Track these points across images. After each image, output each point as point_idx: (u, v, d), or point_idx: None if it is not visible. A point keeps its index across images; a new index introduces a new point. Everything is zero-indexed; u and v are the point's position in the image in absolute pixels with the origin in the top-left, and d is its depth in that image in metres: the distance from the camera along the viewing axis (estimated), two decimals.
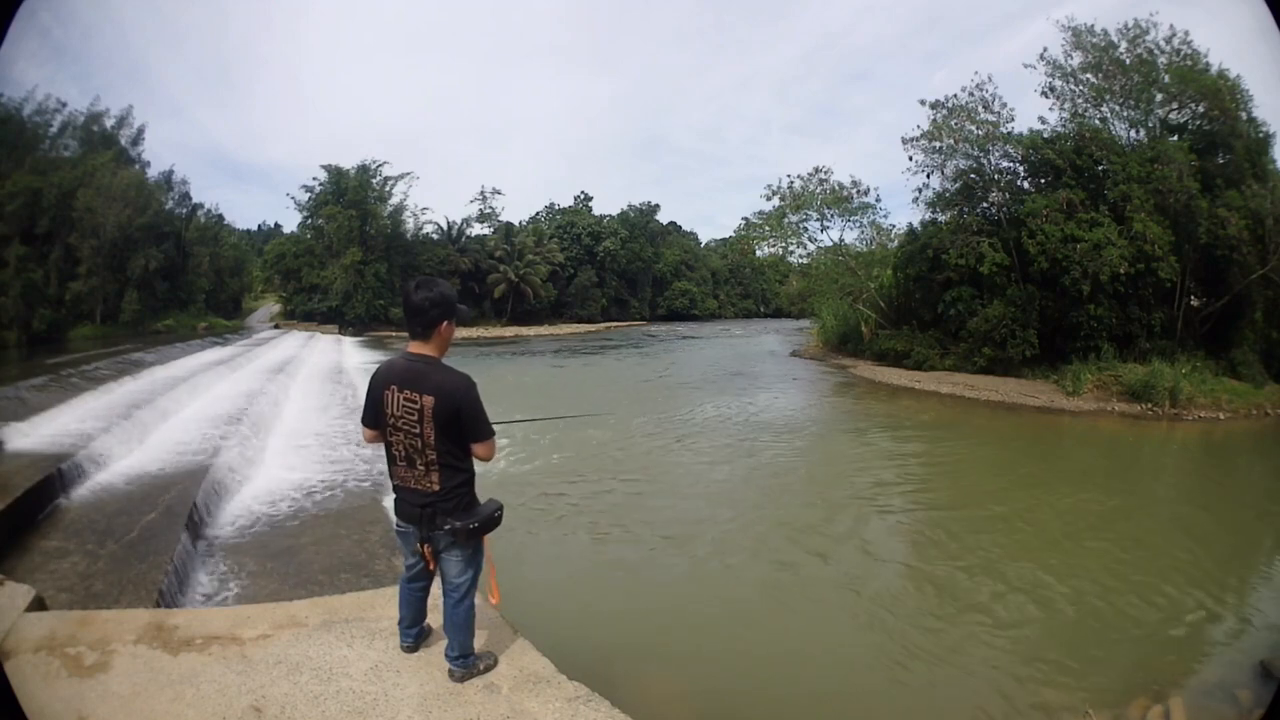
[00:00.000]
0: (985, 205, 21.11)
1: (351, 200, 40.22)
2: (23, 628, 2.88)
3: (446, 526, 2.48)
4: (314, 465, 8.34)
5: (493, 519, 2.58)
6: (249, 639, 2.88)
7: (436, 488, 2.47)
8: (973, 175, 21.21)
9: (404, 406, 2.42)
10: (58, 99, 29.60)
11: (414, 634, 2.81)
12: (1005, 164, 21.09)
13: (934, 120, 21.11)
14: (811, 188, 26.71)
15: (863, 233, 28.02)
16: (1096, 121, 19.92)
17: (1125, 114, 19.86)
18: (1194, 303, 18.83)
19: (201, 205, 38.10)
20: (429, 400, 2.39)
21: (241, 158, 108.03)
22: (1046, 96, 20.51)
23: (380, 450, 2.62)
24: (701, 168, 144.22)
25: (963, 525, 7.63)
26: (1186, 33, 18.95)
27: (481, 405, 2.47)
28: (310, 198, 41.55)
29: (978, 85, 20.81)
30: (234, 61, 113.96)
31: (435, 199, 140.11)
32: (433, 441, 2.42)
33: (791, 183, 26.83)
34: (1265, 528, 8.38)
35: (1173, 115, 19.65)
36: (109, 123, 31.97)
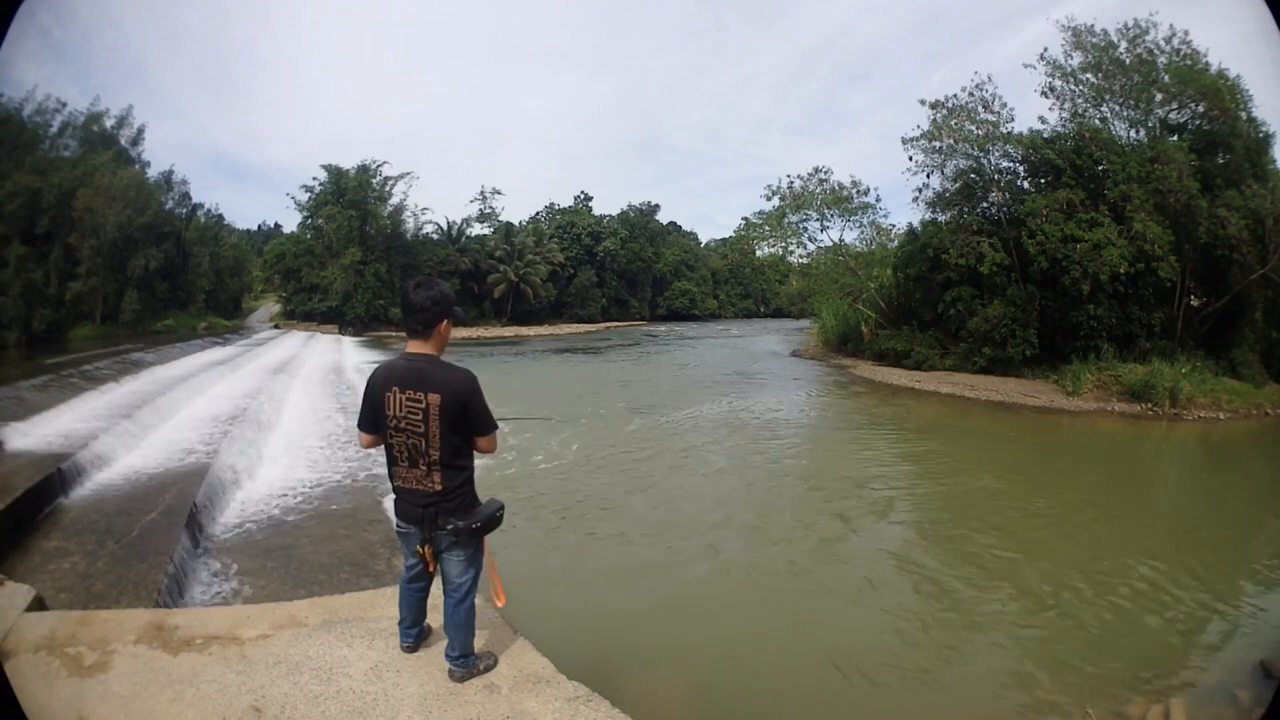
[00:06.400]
0: (985, 205, 21.10)
1: (351, 200, 40.20)
2: (23, 628, 2.88)
3: (449, 526, 2.49)
4: (314, 465, 8.34)
5: (494, 518, 2.58)
6: (249, 639, 2.88)
7: (439, 488, 2.47)
8: (973, 175, 21.21)
9: (407, 407, 2.42)
10: (58, 99, 29.72)
11: (414, 634, 2.81)
12: (1005, 164, 21.11)
13: (934, 120, 21.10)
14: (811, 188, 26.72)
15: (863, 233, 28.05)
16: (1096, 121, 19.92)
17: (1125, 114, 19.86)
18: (1194, 303, 18.83)
19: (201, 205, 38.29)
20: (435, 398, 2.40)
21: (241, 158, 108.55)
22: (1046, 96, 20.53)
23: (379, 450, 2.62)
24: (701, 168, 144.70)
25: (962, 525, 7.62)
26: (1186, 33, 18.97)
27: (485, 399, 2.50)
28: (310, 198, 41.55)
29: (977, 85, 20.82)
30: (234, 61, 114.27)
31: (435, 199, 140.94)
32: (437, 440, 2.42)
33: (791, 183, 26.86)
34: (1265, 527, 8.37)
35: (1173, 115, 19.64)
36: (109, 123, 32.09)
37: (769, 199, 27.66)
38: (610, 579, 6.05)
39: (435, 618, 2.87)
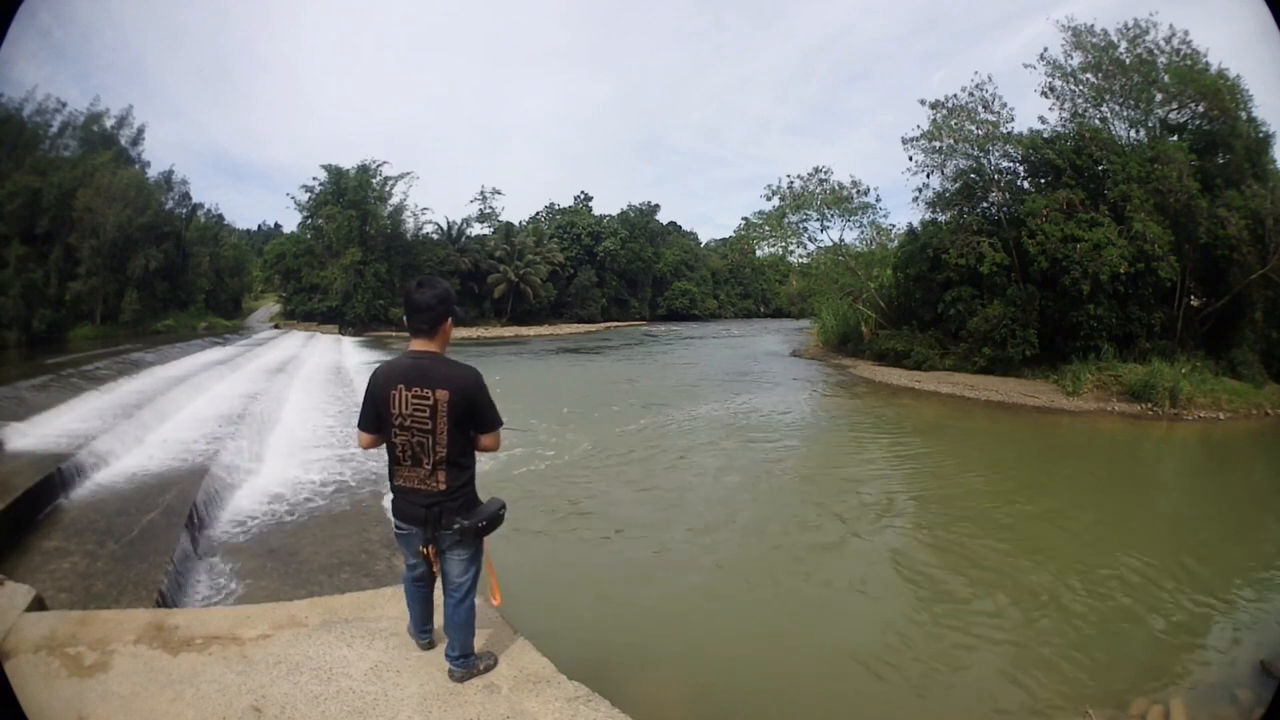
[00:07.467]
0: (985, 205, 21.10)
1: (351, 200, 40.19)
2: (23, 628, 2.88)
3: (455, 525, 2.47)
4: (314, 465, 8.34)
5: (497, 517, 2.58)
6: (249, 639, 2.88)
7: (443, 487, 2.46)
8: (973, 175, 21.20)
9: (414, 405, 2.41)
10: (58, 99, 29.72)
11: (430, 631, 2.80)
12: (1005, 164, 21.11)
13: (934, 120, 21.09)
14: (811, 188, 26.70)
15: (863, 233, 28.01)
16: (1096, 121, 19.92)
17: (1125, 114, 19.87)
18: (1194, 303, 18.83)
19: (201, 205, 38.32)
20: (443, 394, 2.39)
21: (241, 158, 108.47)
22: (1046, 96, 20.53)
23: (380, 451, 2.61)
24: (701, 168, 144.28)
25: (962, 525, 7.62)
26: (1186, 33, 18.98)
27: (490, 396, 2.51)
28: (310, 198, 41.52)
29: (977, 85, 20.82)
30: (234, 61, 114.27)
31: (435, 199, 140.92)
32: (444, 438, 2.41)
33: (791, 183, 26.83)
34: (1265, 528, 8.37)
35: (1173, 115, 19.64)
36: (109, 123, 32.10)
37: (769, 199, 27.69)
38: (611, 579, 6.05)
39: (435, 618, 2.86)
